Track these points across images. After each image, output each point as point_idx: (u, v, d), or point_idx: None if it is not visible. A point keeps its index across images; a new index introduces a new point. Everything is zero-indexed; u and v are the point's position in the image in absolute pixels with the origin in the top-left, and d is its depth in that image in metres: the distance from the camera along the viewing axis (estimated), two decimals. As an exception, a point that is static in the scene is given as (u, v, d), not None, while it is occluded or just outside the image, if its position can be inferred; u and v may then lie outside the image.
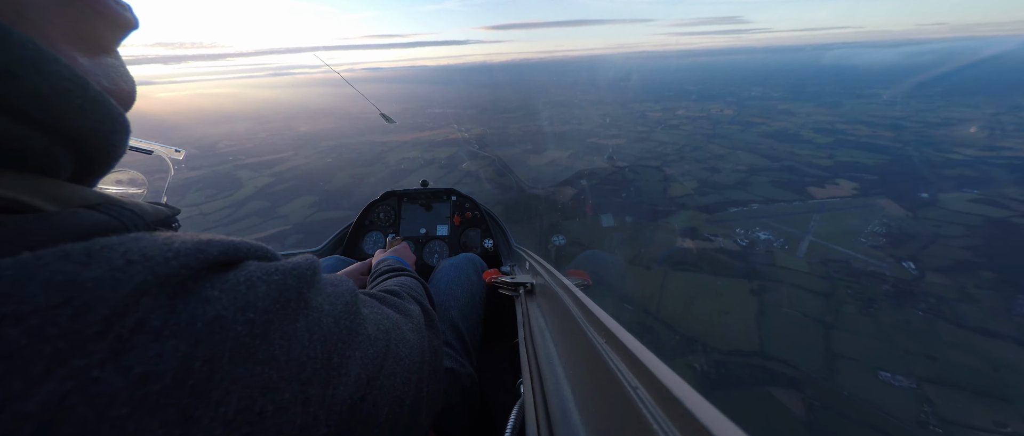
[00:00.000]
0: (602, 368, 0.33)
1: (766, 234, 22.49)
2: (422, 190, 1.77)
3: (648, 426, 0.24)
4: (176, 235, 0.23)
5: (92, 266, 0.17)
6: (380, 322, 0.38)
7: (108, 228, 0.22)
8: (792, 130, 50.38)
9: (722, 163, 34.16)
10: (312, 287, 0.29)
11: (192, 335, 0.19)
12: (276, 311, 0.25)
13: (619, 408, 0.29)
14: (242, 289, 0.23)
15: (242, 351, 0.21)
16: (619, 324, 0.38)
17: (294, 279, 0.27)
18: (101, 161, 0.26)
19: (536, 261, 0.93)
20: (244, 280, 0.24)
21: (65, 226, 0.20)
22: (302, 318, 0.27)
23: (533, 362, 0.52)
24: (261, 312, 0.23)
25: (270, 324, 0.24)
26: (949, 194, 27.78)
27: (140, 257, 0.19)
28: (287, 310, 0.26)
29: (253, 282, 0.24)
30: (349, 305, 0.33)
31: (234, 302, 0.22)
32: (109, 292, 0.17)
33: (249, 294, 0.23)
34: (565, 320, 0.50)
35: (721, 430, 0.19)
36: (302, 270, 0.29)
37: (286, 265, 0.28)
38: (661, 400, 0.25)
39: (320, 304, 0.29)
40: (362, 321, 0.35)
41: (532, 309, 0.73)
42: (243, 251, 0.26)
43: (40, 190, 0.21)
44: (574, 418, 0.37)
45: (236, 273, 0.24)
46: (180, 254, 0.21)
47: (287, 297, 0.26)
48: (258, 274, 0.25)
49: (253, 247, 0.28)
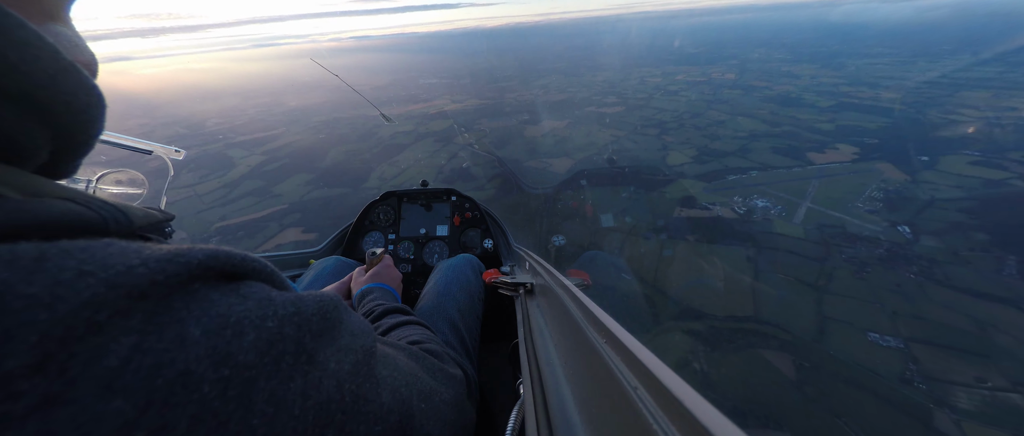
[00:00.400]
0: (602, 368, 0.33)
1: (764, 201, 22.44)
2: (422, 190, 1.76)
3: (648, 426, 0.23)
4: (153, 244, 0.19)
5: (36, 277, 0.14)
6: (400, 390, 0.32)
7: (83, 222, 0.19)
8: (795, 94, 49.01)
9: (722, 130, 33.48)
10: (320, 337, 0.25)
11: (145, 394, 0.15)
12: (263, 367, 0.20)
13: (619, 408, 0.28)
14: (227, 335, 0.19)
15: (208, 420, 0.17)
16: (619, 324, 0.37)
17: (294, 328, 0.23)
18: (79, 140, 0.23)
19: (536, 261, 0.94)
20: (234, 322, 0.20)
21: (29, 215, 0.17)
22: (299, 377, 0.22)
23: (533, 362, 0.52)
24: (241, 368, 0.19)
25: (252, 384, 0.20)
26: (948, 156, 27.52)
27: (98, 267, 0.16)
28: (279, 366, 0.21)
29: (242, 327, 0.20)
30: (362, 363, 0.28)
31: (211, 352, 0.18)
32: (43, 311, 0.14)
33: (232, 343, 0.19)
34: (565, 320, 0.51)
35: (721, 430, 0.19)
36: (307, 316, 0.24)
37: (288, 308, 0.23)
38: (661, 400, 0.25)
39: (326, 360, 0.25)
40: (375, 385, 0.29)
41: (532, 309, 0.73)
42: (239, 263, 0.23)
43: (9, 180, 0.19)
44: (574, 418, 0.37)
45: (229, 303, 0.21)
46: (149, 260, 0.18)
47: (281, 350, 0.22)
48: (251, 317, 0.21)
49: (252, 262, 0.24)
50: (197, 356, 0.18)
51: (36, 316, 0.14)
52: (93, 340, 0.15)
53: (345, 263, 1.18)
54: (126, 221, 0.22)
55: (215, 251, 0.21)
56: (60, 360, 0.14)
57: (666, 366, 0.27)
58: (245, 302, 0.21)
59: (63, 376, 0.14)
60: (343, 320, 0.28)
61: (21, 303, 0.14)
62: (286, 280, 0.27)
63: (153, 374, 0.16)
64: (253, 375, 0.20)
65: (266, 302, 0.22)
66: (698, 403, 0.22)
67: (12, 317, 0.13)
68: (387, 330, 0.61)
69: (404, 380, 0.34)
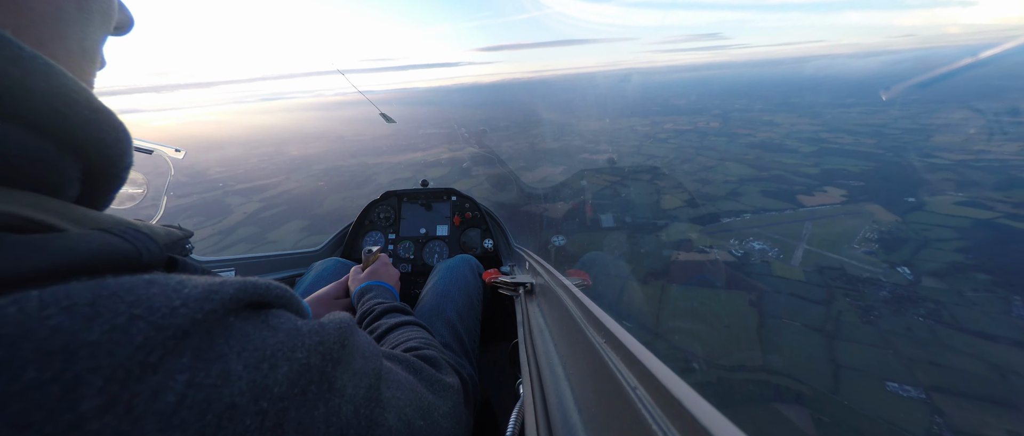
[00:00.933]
0: (602, 368, 0.33)
1: (760, 244, 22.42)
2: (422, 190, 1.76)
3: (647, 426, 0.24)
4: (189, 279, 0.21)
5: (94, 323, 0.16)
6: (403, 410, 0.34)
7: (122, 254, 0.21)
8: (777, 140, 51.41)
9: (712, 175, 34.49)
10: (338, 364, 0.27)
11: (199, 427, 0.18)
12: (294, 397, 0.23)
13: (619, 408, 0.29)
14: (264, 368, 0.21)
15: None
16: (619, 324, 0.37)
17: (319, 357, 0.25)
18: (110, 174, 0.26)
19: (536, 261, 0.94)
20: (269, 355, 0.22)
21: (79, 250, 0.19)
22: (322, 405, 0.24)
23: (533, 362, 0.52)
24: (277, 399, 0.21)
25: (285, 414, 0.22)
26: (935, 197, 28.21)
27: (145, 309, 0.18)
28: (306, 395, 0.24)
29: (277, 360, 0.22)
30: (372, 388, 0.30)
31: (252, 386, 0.20)
32: (105, 357, 0.16)
33: (269, 376, 0.21)
34: (565, 320, 0.51)
35: (720, 430, 0.19)
36: (330, 344, 0.26)
37: (313, 337, 0.25)
38: (660, 400, 0.25)
39: (343, 386, 0.27)
40: (383, 409, 0.31)
41: (532, 309, 0.73)
42: (264, 292, 0.25)
43: (56, 210, 0.21)
44: (574, 418, 0.37)
45: (263, 337, 0.22)
46: (189, 300, 0.20)
47: (309, 379, 0.24)
48: (283, 349, 0.23)
49: (275, 290, 0.26)
50: (240, 390, 0.20)
51: (100, 362, 0.15)
52: (152, 380, 0.16)
53: (345, 264, 1.19)
54: (157, 248, 0.24)
55: (243, 284, 0.23)
56: (126, 400, 0.15)
57: (666, 366, 0.27)
58: (276, 334, 0.23)
59: (130, 414, 0.15)
60: (357, 343, 0.30)
61: (86, 351, 0.15)
62: (304, 305, 0.29)
63: (205, 409, 0.18)
64: (285, 406, 0.22)
65: (294, 333, 0.24)
66: (698, 403, 0.22)
67: (80, 364, 0.15)
68: (386, 331, 0.61)
69: (406, 399, 0.35)
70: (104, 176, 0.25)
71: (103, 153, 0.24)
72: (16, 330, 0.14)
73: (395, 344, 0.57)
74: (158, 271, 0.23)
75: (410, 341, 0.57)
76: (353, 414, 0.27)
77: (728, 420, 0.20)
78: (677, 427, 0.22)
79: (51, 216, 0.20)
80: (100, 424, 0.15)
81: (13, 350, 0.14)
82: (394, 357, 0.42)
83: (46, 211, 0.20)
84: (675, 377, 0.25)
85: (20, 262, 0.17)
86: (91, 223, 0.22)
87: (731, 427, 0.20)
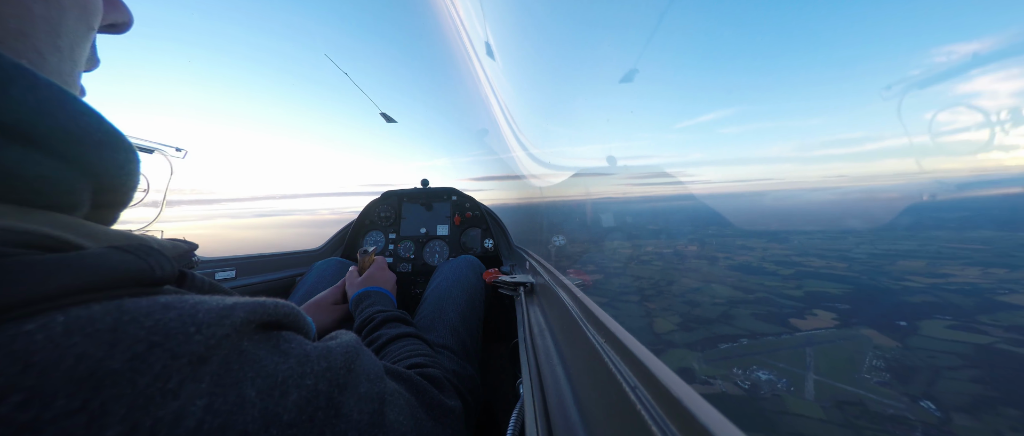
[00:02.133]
0: (602, 368, 0.33)
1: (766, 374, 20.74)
2: (422, 190, 1.73)
3: (647, 426, 0.23)
4: (202, 301, 0.22)
5: (115, 351, 0.17)
6: (405, 434, 0.34)
7: (137, 272, 0.22)
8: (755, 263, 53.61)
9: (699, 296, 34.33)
10: (345, 390, 0.27)
11: None
12: (302, 424, 0.23)
13: (619, 408, 0.28)
14: (276, 395, 0.22)
15: None
16: (619, 324, 0.37)
17: (326, 383, 0.25)
18: (120, 192, 0.27)
19: (536, 261, 0.95)
20: (280, 381, 0.22)
21: (99, 269, 0.20)
22: (328, 430, 0.24)
23: (533, 362, 0.52)
24: (285, 427, 0.22)
25: None
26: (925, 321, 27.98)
27: (162, 336, 0.18)
28: (313, 422, 0.24)
29: (287, 387, 0.23)
30: (377, 413, 0.30)
31: (264, 414, 0.21)
32: (127, 386, 0.16)
33: (280, 404, 0.22)
34: (565, 320, 0.51)
35: (720, 430, 0.19)
36: (337, 370, 0.27)
37: (321, 364, 0.26)
38: (660, 400, 0.24)
39: (350, 411, 0.27)
40: (385, 433, 0.31)
41: (532, 309, 0.73)
42: (272, 311, 0.25)
43: (72, 227, 0.22)
44: (574, 418, 0.36)
45: (275, 362, 0.23)
46: (202, 326, 0.20)
47: (316, 406, 0.24)
48: (293, 376, 0.23)
49: (283, 309, 0.26)
50: (253, 417, 0.20)
51: (123, 390, 0.16)
52: (172, 405, 0.17)
53: (345, 264, 1.17)
54: (169, 264, 0.24)
55: (253, 306, 0.24)
56: (148, 427, 0.16)
57: (666, 366, 0.27)
58: (287, 360, 0.24)
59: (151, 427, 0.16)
60: (362, 366, 0.31)
61: (111, 380, 0.16)
62: (309, 323, 0.30)
63: (221, 435, 0.18)
64: (293, 433, 0.22)
65: (304, 359, 0.25)
66: (698, 403, 0.21)
67: (106, 392, 0.15)
68: (387, 342, 0.61)
69: (408, 424, 0.35)
70: (114, 194, 0.26)
71: (114, 173, 0.25)
72: (46, 357, 0.15)
73: (397, 358, 0.56)
74: (170, 285, 0.24)
75: (414, 357, 0.56)
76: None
77: (728, 420, 0.20)
78: (677, 427, 0.22)
79: (69, 233, 0.21)
80: None
81: (44, 378, 0.14)
82: (398, 375, 0.42)
83: (64, 228, 0.21)
84: (675, 377, 0.25)
85: (46, 282, 0.17)
86: (105, 239, 0.23)
87: (731, 427, 0.20)
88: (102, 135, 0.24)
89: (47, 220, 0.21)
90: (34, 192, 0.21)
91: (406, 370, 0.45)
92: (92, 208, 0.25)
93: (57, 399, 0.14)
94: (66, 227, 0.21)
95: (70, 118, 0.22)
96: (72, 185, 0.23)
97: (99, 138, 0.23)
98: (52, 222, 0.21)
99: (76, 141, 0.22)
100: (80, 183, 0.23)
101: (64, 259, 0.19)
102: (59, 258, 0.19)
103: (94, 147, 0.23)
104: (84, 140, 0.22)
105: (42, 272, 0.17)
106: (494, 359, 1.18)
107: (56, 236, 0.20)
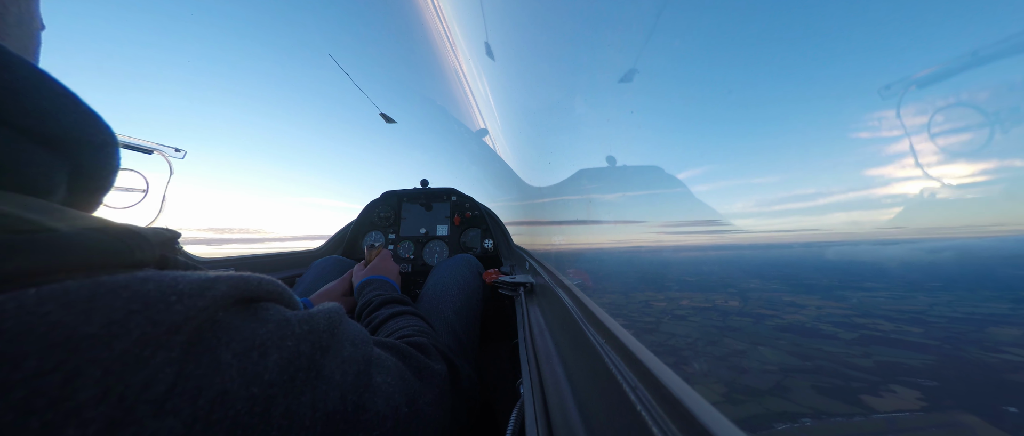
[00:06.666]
0: (602, 368, 0.33)
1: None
2: (422, 190, 1.76)
3: (647, 426, 0.23)
4: (183, 275, 0.22)
5: (92, 317, 0.16)
6: (392, 395, 0.35)
7: (114, 253, 0.21)
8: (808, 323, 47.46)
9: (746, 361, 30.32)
10: (327, 352, 0.27)
11: (192, 413, 0.18)
12: (282, 384, 0.23)
13: (619, 408, 0.28)
14: (254, 356, 0.22)
15: (238, 431, 0.20)
16: (619, 324, 0.38)
17: (308, 345, 0.26)
18: (98, 176, 0.26)
19: (536, 261, 0.97)
20: (258, 344, 0.23)
21: (73, 249, 0.19)
22: (309, 391, 0.25)
23: (533, 362, 0.53)
24: (266, 385, 0.22)
25: (272, 400, 0.22)
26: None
27: (141, 305, 0.18)
28: (294, 383, 0.24)
29: (267, 348, 0.23)
30: (362, 373, 0.31)
31: (242, 373, 0.21)
32: (104, 350, 0.16)
33: (259, 364, 0.22)
34: (565, 320, 0.53)
35: (720, 430, 0.19)
36: (319, 333, 0.27)
37: (303, 327, 0.26)
38: (661, 400, 0.25)
39: (331, 373, 0.27)
40: (372, 394, 0.31)
41: (532, 309, 0.74)
42: (255, 287, 0.25)
43: (46, 210, 0.21)
44: (574, 418, 0.37)
45: (253, 328, 0.23)
46: (183, 296, 0.20)
47: (297, 367, 0.25)
48: (273, 338, 0.24)
49: (267, 285, 0.26)
50: (231, 377, 0.20)
51: (99, 354, 0.16)
52: (143, 372, 0.17)
53: (345, 262, 1.21)
54: (149, 246, 0.24)
55: (236, 281, 0.24)
56: (119, 391, 0.16)
57: (666, 366, 0.27)
58: (266, 325, 0.24)
59: (122, 404, 0.16)
60: (346, 331, 0.31)
61: (87, 343, 0.16)
62: (295, 298, 0.30)
63: (196, 395, 0.18)
64: (274, 393, 0.22)
65: (284, 323, 0.25)
66: (698, 403, 0.22)
67: (81, 355, 0.15)
68: (382, 321, 0.64)
69: (395, 385, 0.36)
70: (92, 178, 0.26)
71: (91, 155, 0.25)
72: (16, 324, 0.15)
73: (389, 333, 0.58)
74: (150, 268, 0.23)
75: (403, 329, 0.59)
76: (340, 400, 0.27)
77: (728, 420, 0.20)
78: (677, 427, 0.22)
79: (42, 216, 0.20)
80: (95, 412, 0.15)
81: (15, 343, 0.14)
82: (384, 344, 0.43)
83: (36, 211, 0.20)
84: (675, 377, 0.25)
85: (11, 261, 0.17)
86: (81, 223, 0.22)
87: (731, 427, 0.20)
88: (79, 115, 0.23)
89: (19, 202, 0.20)
90: (4, 173, 0.20)
91: (393, 340, 0.47)
92: (69, 193, 0.24)
93: (28, 360, 0.14)
94: (40, 210, 0.20)
95: (45, 97, 0.21)
96: (47, 167, 0.22)
97: (75, 117, 0.23)
98: (24, 205, 0.20)
99: (52, 120, 0.21)
100: (56, 164, 0.22)
101: (35, 239, 0.18)
102: (29, 238, 0.18)
103: (71, 127, 0.22)
104: (61, 120, 0.22)
105: (9, 251, 0.17)
106: (494, 359, 1.19)
107: (29, 218, 0.19)
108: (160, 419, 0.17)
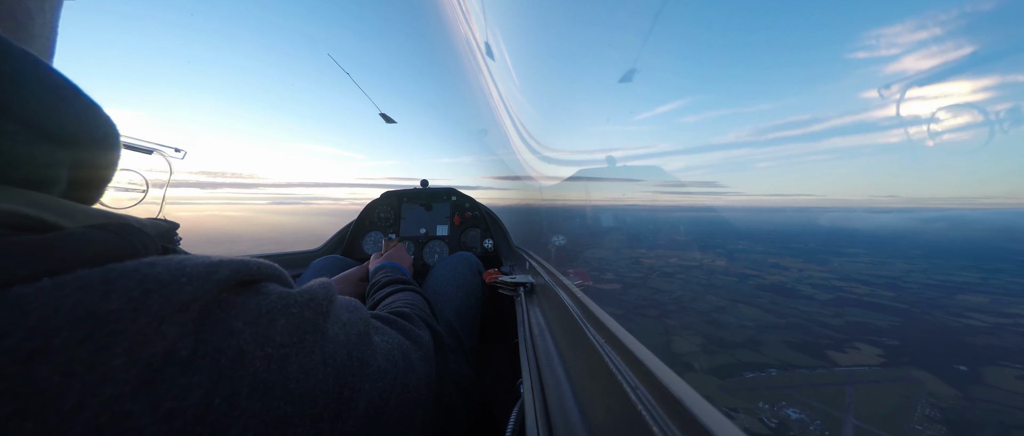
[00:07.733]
0: (602, 368, 0.33)
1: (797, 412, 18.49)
2: (422, 190, 1.75)
3: (647, 426, 0.23)
4: (187, 258, 0.23)
5: (111, 297, 0.17)
6: (390, 352, 0.38)
7: (119, 251, 0.22)
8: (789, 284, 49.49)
9: (725, 316, 31.79)
10: (328, 317, 0.30)
11: (215, 370, 0.20)
12: (293, 345, 0.25)
13: (619, 408, 0.28)
14: (263, 323, 0.24)
15: (260, 386, 0.22)
16: (619, 324, 0.38)
17: (311, 312, 0.28)
18: (99, 168, 0.26)
19: (536, 261, 0.98)
20: (265, 313, 0.24)
21: (80, 247, 0.20)
22: (318, 350, 0.27)
23: (533, 362, 0.53)
24: (279, 346, 0.24)
25: (287, 358, 0.24)
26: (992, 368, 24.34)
27: (155, 285, 0.19)
28: (304, 343, 0.26)
29: (273, 315, 0.24)
30: (363, 334, 0.34)
31: (255, 336, 0.22)
32: (129, 323, 0.17)
33: (269, 329, 0.24)
34: (565, 320, 0.53)
35: (721, 430, 0.19)
36: (319, 301, 0.29)
37: (304, 296, 0.28)
38: (661, 400, 0.25)
39: (335, 334, 0.30)
40: (373, 351, 0.34)
41: (532, 309, 0.74)
42: (255, 270, 0.26)
43: (50, 206, 0.21)
44: (574, 418, 0.37)
45: (257, 301, 0.24)
46: (193, 278, 0.21)
47: (304, 330, 0.26)
48: (278, 307, 0.25)
49: (266, 268, 0.28)
50: (245, 340, 0.22)
51: (124, 327, 0.17)
52: (165, 341, 0.18)
53: (344, 262, 1.21)
54: (150, 242, 0.25)
55: (238, 265, 0.25)
56: (145, 358, 0.17)
57: (666, 366, 0.27)
58: (268, 297, 0.26)
59: (149, 368, 0.17)
60: (341, 301, 0.35)
61: (113, 316, 0.17)
62: (291, 280, 0.32)
63: (217, 356, 0.20)
64: (287, 352, 0.24)
65: (285, 295, 0.27)
66: (698, 403, 0.22)
67: (106, 327, 0.16)
68: (382, 298, 0.67)
69: (392, 343, 0.40)
70: (94, 170, 0.26)
71: (93, 147, 0.25)
72: (42, 306, 0.15)
73: (384, 307, 0.60)
74: None
75: (393, 302, 0.62)
76: (347, 356, 0.30)
77: (728, 420, 0.20)
78: (678, 427, 0.22)
79: (47, 213, 0.21)
80: (127, 374, 0.17)
81: (47, 320, 0.15)
82: (376, 315, 0.47)
83: (40, 207, 0.21)
84: (675, 377, 0.25)
85: (28, 265, 0.17)
86: (84, 218, 0.23)
87: (731, 427, 0.20)
88: (80, 107, 0.23)
89: (22, 198, 0.20)
90: (8, 167, 0.21)
91: (383, 312, 0.50)
92: (70, 186, 0.25)
93: (62, 332, 0.15)
94: (43, 206, 0.21)
95: (47, 89, 0.21)
96: (48, 160, 0.22)
97: (76, 110, 0.23)
98: (28, 201, 0.20)
99: (54, 112, 0.21)
100: (56, 158, 0.23)
101: (45, 240, 0.19)
102: (41, 239, 0.18)
103: (72, 118, 0.23)
104: (62, 111, 0.22)
105: (23, 254, 0.17)
106: (494, 359, 1.21)
107: (33, 216, 0.20)
108: (188, 376, 0.19)
